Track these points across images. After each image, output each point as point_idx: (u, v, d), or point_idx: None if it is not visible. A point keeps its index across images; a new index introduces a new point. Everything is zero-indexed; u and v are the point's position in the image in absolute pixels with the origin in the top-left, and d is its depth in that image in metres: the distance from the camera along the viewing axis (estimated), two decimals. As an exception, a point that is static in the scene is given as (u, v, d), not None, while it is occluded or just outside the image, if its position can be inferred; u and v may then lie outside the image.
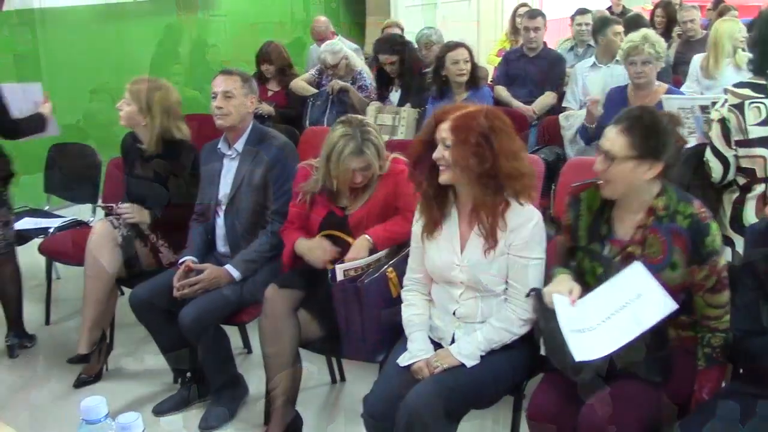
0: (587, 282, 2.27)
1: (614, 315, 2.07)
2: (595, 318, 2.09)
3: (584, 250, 2.30)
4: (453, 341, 2.41)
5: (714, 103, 3.17)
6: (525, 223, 2.33)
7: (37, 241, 3.99)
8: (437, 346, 2.44)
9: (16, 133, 3.68)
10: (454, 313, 2.42)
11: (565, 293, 2.18)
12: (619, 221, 2.27)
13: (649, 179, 2.17)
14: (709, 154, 3.03)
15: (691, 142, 3.20)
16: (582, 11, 6.14)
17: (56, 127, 3.98)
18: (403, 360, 2.39)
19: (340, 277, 2.64)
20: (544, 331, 2.25)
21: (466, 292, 2.39)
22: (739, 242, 2.97)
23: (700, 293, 2.18)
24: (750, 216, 2.98)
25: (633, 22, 5.66)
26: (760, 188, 2.98)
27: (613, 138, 2.17)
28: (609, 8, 8.24)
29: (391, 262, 2.70)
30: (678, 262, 2.16)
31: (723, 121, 2.99)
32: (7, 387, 3.46)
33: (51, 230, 4.08)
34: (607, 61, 5.00)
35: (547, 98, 5.13)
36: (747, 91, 2.97)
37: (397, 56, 5.06)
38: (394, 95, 5.13)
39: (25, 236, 4.05)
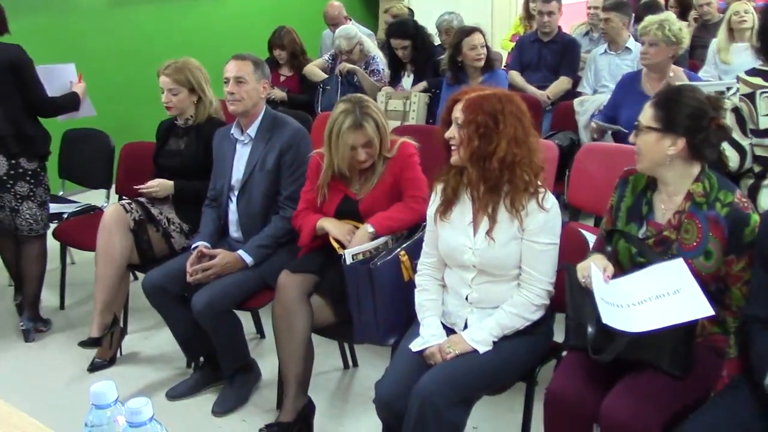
0: (621, 262, 2.27)
1: (647, 301, 2.06)
2: (628, 299, 2.09)
3: (620, 233, 2.30)
4: (466, 326, 2.40)
5: (729, 89, 3.12)
6: (540, 208, 2.31)
7: (51, 227, 4.01)
8: (450, 331, 2.43)
9: (55, 110, 3.76)
10: (466, 298, 2.41)
11: (600, 269, 2.18)
12: (659, 203, 2.27)
13: (673, 155, 2.16)
14: (724, 144, 2.98)
15: None
16: (596, -6, 6.07)
17: (91, 108, 4.05)
18: (415, 345, 2.38)
19: (349, 261, 2.64)
20: (569, 307, 2.26)
21: (478, 276, 2.38)
22: None
23: (738, 285, 2.13)
24: (764, 203, 2.94)
25: (648, 8, 5.63)
26: None
27: (645, 110, 2.22)
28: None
29: (403, 246, 2.70)
30: (713, 251, 2.13)
31: (736, 110, 2.95)
32: (21, 371, 3.49)
33: (65, 216, 4.10)
34: (616, 48, 4.98)
35: (562, 83, 5.10)
36: (759, 80, 2.92)
37: (409, 41, 5.04)
38: (407, 80, 5.10)
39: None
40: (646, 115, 2.20)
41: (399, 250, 2.67)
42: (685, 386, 2.10)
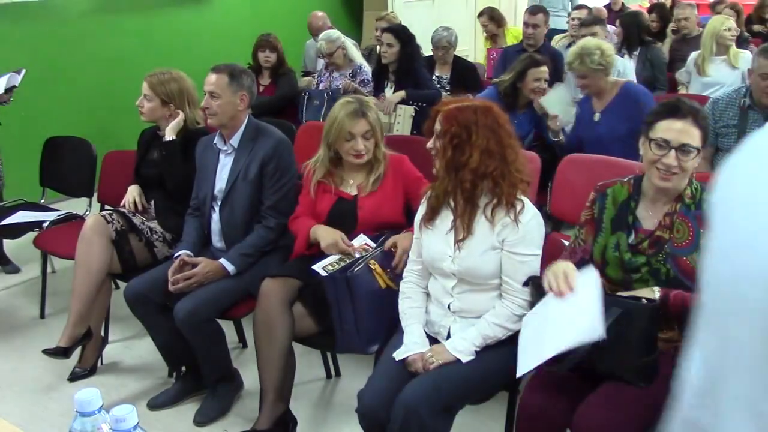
0: (610, 276, 2.29)
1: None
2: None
3: (604, 245, 2.32)
4: (449, 336, 2.41)
5: None
6: (515, 222, 2.33)
7: (32, 235, 3.98)
8: (433, 341, 2.44)
9: None
10: (449, 307, 2.42)
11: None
12: (645, 211, 2.30)
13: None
14: None
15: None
16: (578, 6, 6.16)
17: (16, 78, 4.26)
18: (398, 354, 2.39)
19: (323, 274, 2.67)
20: None
21: (458, 284, 2.40)
22: None
23: None
24: None
25: (631, 16, 5.74)
26: None
27: (689, 131, 2.19)
28: (608, 6, 8.27)
29: (371, 255, 2.72)
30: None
31: None
32: (1, 380, 3.46)
33: (46, 224, 4.06)
34: None
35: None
36: None
37: (399, 44, 5.02)
38: (389, 91, 5.11)
39: (20, 230, 4.05)
40: (696, 136, 2.18)
41: (369, 257, 2.70)
42: (658, 395, 2.12)
